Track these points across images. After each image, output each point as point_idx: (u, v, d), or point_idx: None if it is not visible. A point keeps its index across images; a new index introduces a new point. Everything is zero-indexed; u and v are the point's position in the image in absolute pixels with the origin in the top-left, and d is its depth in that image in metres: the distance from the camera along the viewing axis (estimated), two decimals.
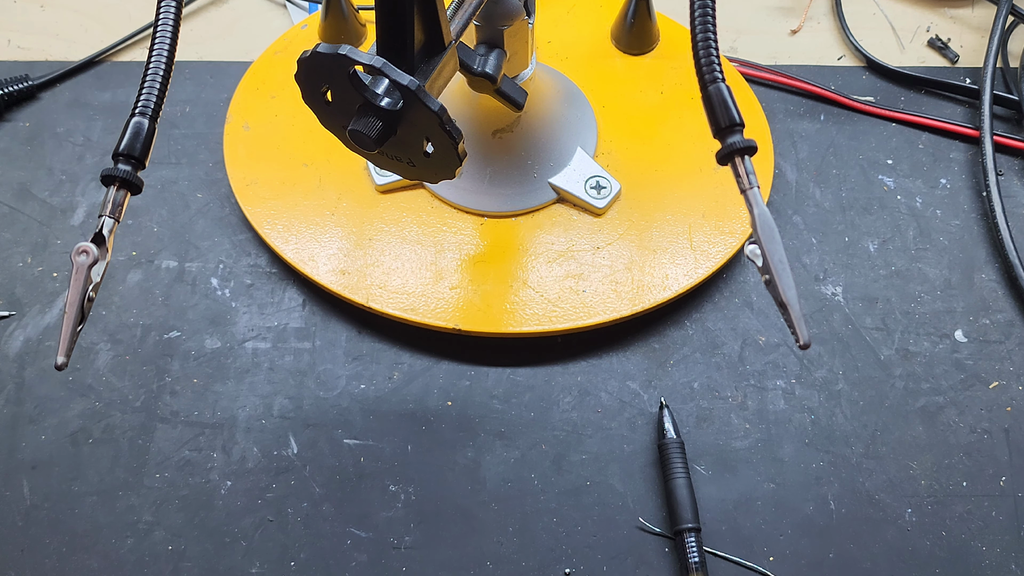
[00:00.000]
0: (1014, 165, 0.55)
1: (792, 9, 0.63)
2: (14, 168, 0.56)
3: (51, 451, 0.47)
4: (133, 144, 0.33)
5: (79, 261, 0.32)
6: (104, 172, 0.33)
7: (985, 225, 0.53)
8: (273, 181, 0.52)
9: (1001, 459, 0.46)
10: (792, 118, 0.57)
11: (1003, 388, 0.48)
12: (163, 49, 0.34)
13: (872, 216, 0.54)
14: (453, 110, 0.48)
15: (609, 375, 0.49)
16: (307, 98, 0.37)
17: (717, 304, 0.51)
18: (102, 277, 0.33)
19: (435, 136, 0.35)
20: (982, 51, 0.59)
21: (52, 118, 0.58)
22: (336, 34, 0.57)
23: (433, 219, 0.51)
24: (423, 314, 0.48)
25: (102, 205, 0.33)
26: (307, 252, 0.50)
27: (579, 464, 0.46)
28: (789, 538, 0.44)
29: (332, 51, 0.33)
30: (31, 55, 0.61)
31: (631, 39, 0.57)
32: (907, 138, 0.57)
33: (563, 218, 0.51)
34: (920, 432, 0.47)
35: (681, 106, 0.55)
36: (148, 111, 0.34)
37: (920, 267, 0.52)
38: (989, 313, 0.50)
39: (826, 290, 0.51)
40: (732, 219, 0.51)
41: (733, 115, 0.33)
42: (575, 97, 0.55)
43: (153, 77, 0.34)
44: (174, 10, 0.35)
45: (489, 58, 0.42)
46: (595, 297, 0.48)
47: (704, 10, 0.33)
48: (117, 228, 0.34)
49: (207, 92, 0.59)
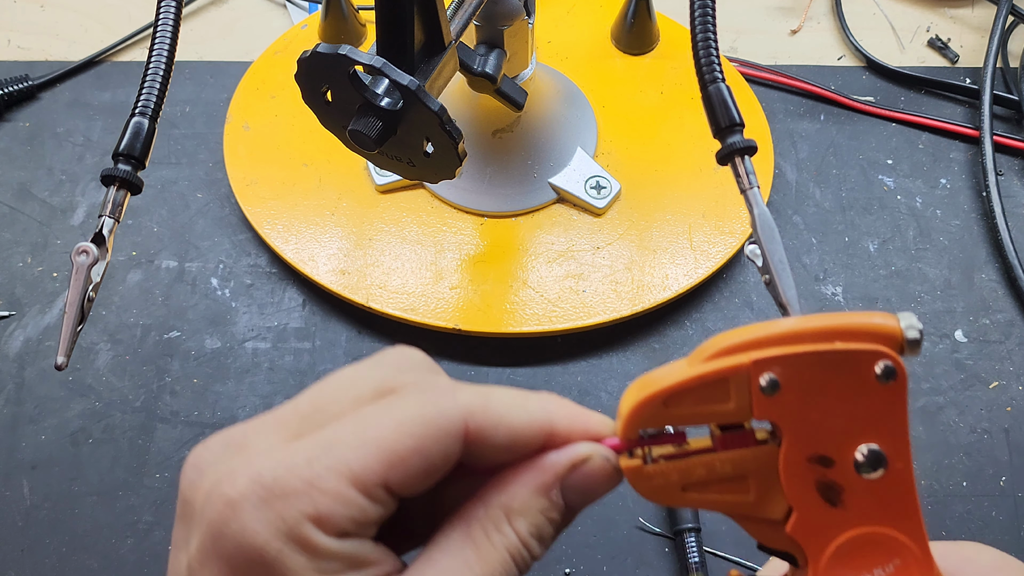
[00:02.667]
0: (1014, 165, 0.55)
1: (792, 9, 0.63)
2: (14, 168, 0.56)
3: (51, 451, 0.47)
4: (133, 144, 0.33)
5: (79, 261, 0.32)
6: (104, 172, 0.33)
7: (985, 225, 0.53)
8: (273, 181, 0.52)
9: (1001, 459, 0.46)
10: (792, 118, 0.57)
11: (1003, 388, 0.48)
12: (163, 49, 0.34)
13: (872, 216, 0.54)
14: (453, 110, 0.47)
15: (609, 375, 0.49)
16: (307, 98, 0.37)
17: (717, 304, 0.51)
18: (102, 277, 0.33)
19: (435, 136, 0.35)
20: (982, 51, 0.59)
21: (52, 118, 0.58)
22: (336, 34, 0.57)
23: (433, 219, 0.51)
24: (423, 314, 0.48)
25: (102, 205, 0.33)
26: (307, 252, 0.50)
27: None
28: None
29: (332, 51, 0.33)
30: (31, 55, 0.61)
31: (631, 39, 0.57)
32: (907, 138, 0.57)
33: (563, 218, 0.51)
34: (920, 432, 0.47)
35: (681, 106, 0.55)
36: (148, 111, 0.34)
37: (920, 267, 0.52)
38: (989, 313, 0.50)
39: (826, 290, 0.51)
40: (732, 219, 0.51)
41: (733, 115, 0.33)
42: (575, 97, 0.55)
43: (153, 77, 0.34)
44: (174, 10, 0.35)
45: (489, 58, 0.42)
46: (595, 297, 0.48)
47: (704, 10, 0.33)
48: (117, 228, 0.34)
49: (207, 92, 0.59)
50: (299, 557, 0.20)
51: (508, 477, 0.23)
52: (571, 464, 0.23)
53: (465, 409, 0.22)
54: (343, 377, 0.23)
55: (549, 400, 0.24)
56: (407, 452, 0.21)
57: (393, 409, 0.22)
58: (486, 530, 0.22)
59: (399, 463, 0.21)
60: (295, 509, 0.20)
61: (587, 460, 0.23)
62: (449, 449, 0.22)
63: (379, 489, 0.21)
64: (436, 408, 0.22)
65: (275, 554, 0.20)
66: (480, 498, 0.23)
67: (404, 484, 0.21)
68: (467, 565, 0.22)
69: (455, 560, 0.22)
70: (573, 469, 0.23)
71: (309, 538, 0.20)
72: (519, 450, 0.23)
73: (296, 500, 0.20)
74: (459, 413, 0.22)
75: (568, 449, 0.23)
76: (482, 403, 0.22)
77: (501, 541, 0.22)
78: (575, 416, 0.24)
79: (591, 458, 0.23)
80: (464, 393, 0.22)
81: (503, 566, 0.22)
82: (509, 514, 0.23)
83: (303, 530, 0.20)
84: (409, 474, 0.21)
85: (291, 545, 0.20)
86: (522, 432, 0.23)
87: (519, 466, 0.23)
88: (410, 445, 0.21)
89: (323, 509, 0.20)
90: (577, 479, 0.23)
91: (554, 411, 0.23)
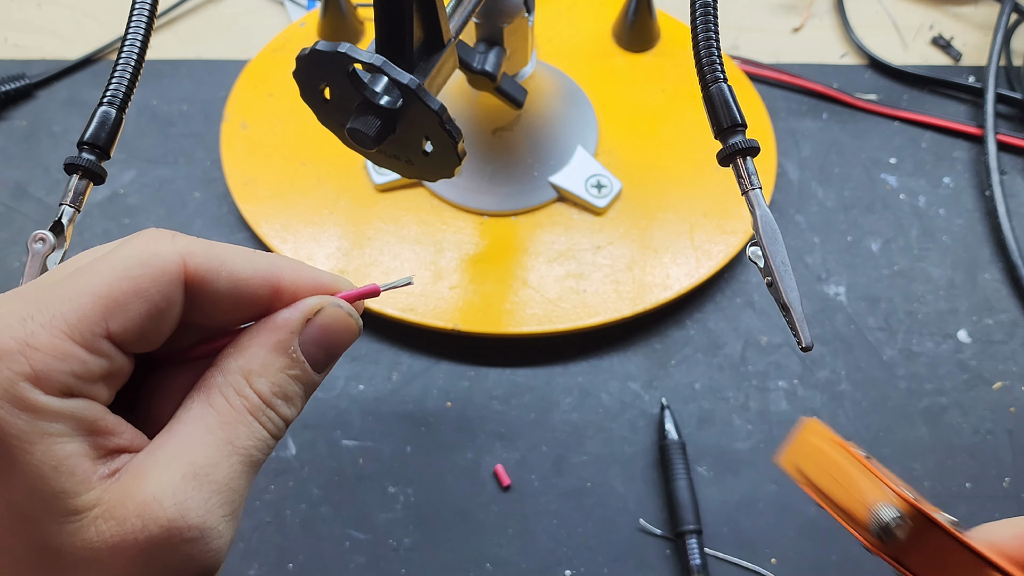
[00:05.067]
0: (1017, 164, 0.55)
1: (794, 7, 0.63)
2: (10, 167, 0.55)
3: None
4: (98, 134, 0.33)
5: (35, 248, 0.32)
6: (67, 160, 0.33)
7: (988, 224, 0.53)
8: (271, 180, 0.52)
9: (1004, 460, 0.46)
10: (794, 116, 0.57)
11: (1007, 389, 0.48)
12: (135, 41, 0.34)
13: (875, 215, 0.53)
14: (452, 108, 0.47)
15: (610, 376, 0.48)
16: (305, 96, 0.37)
17: (719, 304, 0.50)
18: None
19: (434, 135, 0.35)
20: (985, 49, 0.59)
21: (48, 116, 0.57)
22: (334, 32, 0.57)
23: (432, 218, 0.51)
24: (422, 314, 0.48)
25: (63, 194, 0.33)
26: (305, 251, 0.50)
27: (580, 465, 0.46)
28: (791, 540, 0.44)
29: (331, 49, 0.33)
30: (27, 53, 0.61)
31: (632, 37, 0.56)
32: (910, 137, 0.56)
33: (563, 217, 0.51)
34: (923, 433, 0.47)
35: (682, 104, 0.55)
36: (116, 101, 0.33)
37: (923, 267, 0.52)
38: (992, 313, 0.50)
39: (829, 290, 0.51)
40: (734, 218, 0.50)
41: (735, 115, 0.32)
42: (575, 95, 0.55)
43: (124, 68, 0.34)
44: (149, 4, 0.35)
45: (489, 56, 0.42)
46: (596, 297, 0.48)
47: (705, 8, 0.33)
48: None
49: (205, 90, 0.58)
50: (19, 419, 0.20)
51: (244, 341, 0.23)
52: (304, 317, 0.23)
53: (184, 249, 0.22)
54: (82, 252, 0.23)
55: (276, 256, 0.24)
56: (124, 295, 0.21)
57: (110, 257, 0.21)
58: (226, 395, 0.22)
59: (117, 308, 0.21)
60: (8, 370, 0.20)
61: (320, 311, 0.23)
62: (169, 290, 0.22)
63: (100, 340, 0.21)
64: (152, 249, 0.22)
65: None
66: (217, 366, 0.23)
67: (127, 331, 0.21)
68: (208, 430, 0.22)
69: (196, 427, 0.22)
70: (308, 323, 0.23)
71: (26, 397, 0.20)
72: (245, 301, 0.23)
73: (9, 360, 0.20)
74: (175, 252, 0.22)
75: (300, 303, 0.23)
76: (203, 248, 0.22)
77: (242, 403, 0.22)
78: (302, 271, 0.24)
79: (323, 308, 0.23)
80: (184, 238, 0.23)
81: (248, 427, 0.22)
82: (248, 376, 0.22)
83: (18, 390, 0.20)
84: (130, 318, 0.21)
85: (8, 407, 0.19)
86: (246, 279, 0.23)
87: (253, 328, 0.23)
88: (126, 288, 0.21)
89: (39, 366, 0.20)
90: (314, 331, 0.23)
91: (281, 265, 0.23)
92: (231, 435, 0.22)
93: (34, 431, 0.20)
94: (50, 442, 0.20)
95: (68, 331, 0.20)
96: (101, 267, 0.21)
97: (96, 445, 0.21)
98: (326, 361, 0.24)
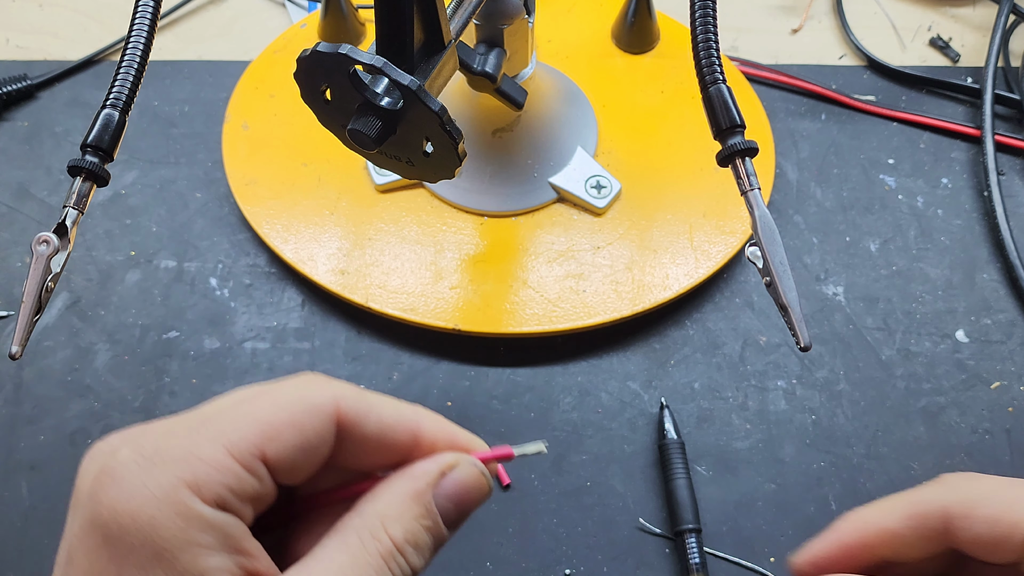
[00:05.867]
0: (1015, 165, 0.55)
1: (793, 8, 0.63)
2: (13, 168, 0.56)
3: (50, 451, 0.47)
4: (102, 136, 0.33)
5: (39, 251, 0.32)
6: (71, 163, 0.33)
7: (986, 225, 0.53)
8: (272, 180, 0.52)
9: (1003, 460, 0.46)
10: (793, 117, 0.57)
11: (1005, 388, 0.48)
12: (138, 43, 0.34)
13: (873, 216, 0.53)
14: (453, 109, 0.47)
15: (609, 375, 0.49)
16: (306, 97, 0.37)
17: (718, 304, 0.51)
18: (62, 268, 0.33)
19: (435, 136, 0.35)
20: (983, 50, 0.59)
21: (51, 117, 0.58)
22: (335, 33, 0.57)
23: (433, 219, 0.51)
24: (423, 314, 0.48)
25: (67, 195, 0.33)
26: (306, 252, 0.50)
27: (579, 464, 0.46)
28: (790, 539, 0.44)
29: (332, 50, 0.33)
30: (30, 54, 0.61)
31: (631, 38, 0.57)
32: (908, 137, 0.56)
33: (563, 218, 0.51)
34: (922, 433, 0.47)
35: (682, 105, 0.55)
36: (119, 104, 0.33)
37: (921, 267, 0.52)
38: (991, 313, 0.50)
39: (827, 290, 0.51)
40: (733, 218, 0.50)
41: (734, 116, 0.32)
42: (575, 96, 0.55)
43: (127, 71, 0.34)
44: (152, 6, 0.35)
45: (489, 57, 0.42)
46: (595, 297, 0.48)
47: (705, 9, 0.33)
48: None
49: (206, 91, 0.59)
50: (173, 524, 0.20)
51: (381, 488, 0.24)
52: (440, 471, 0.24)
53: (338, 392, 0.23)
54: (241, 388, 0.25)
55: (419, 407, 0.25)
56: (282, 425, 0.22)
57: (270, 391, 0.23)
58: (361, 536, 0.23)
59: (274, 434, 0.22)
60: (172, 474, 0.20)
61: (455, 466, 0.24)
62: (321, 427, 0.23)
63: (256, 461, 0.22)
64: (309, 388, 0.23)
65: (148, 520, 0.20)
66: (355, 509, 0.24)
67: (280, 459, 0.22)
68: (340, 570, 0.22)
69: (329, 565, 0.22)
70: (443, 475, 0.24)
71: (184, 503, 0.20)
72: (388, 446, 0.24)
73: (174, 466, 0.20)
74: (330, 393, 0.23)
75: (438, 457, 0.24)
76: (355, 393, 0.24)
77: (375, 547, 0.23)
78: (442, 425, 0.25)
79: (459, 464, 0.24)
80: (337, 383, 0.24)
81: (377, 571, 0.22)
82: (384, 520, 0.23)
83: (179, 495, 0.20)
84: (285, 447, 0.22)
85: (165, 511, 0.20)
86: (391, 426, 0.24)
87: (392, 477, 0.24)
88: (284, 418, 0.22)
89: (200, 475, 0.21)
90: (448, 486, 0.24)
91: (423, 415, 0.25)
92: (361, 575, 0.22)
93: (185, 538, 0.20)
94: (198, 552, 0.20)
95: (229, 447, 0.21)
96: (262, 399, 0.23)
97: (238, 564, 0.21)
98: (456, 517, 0.24)
